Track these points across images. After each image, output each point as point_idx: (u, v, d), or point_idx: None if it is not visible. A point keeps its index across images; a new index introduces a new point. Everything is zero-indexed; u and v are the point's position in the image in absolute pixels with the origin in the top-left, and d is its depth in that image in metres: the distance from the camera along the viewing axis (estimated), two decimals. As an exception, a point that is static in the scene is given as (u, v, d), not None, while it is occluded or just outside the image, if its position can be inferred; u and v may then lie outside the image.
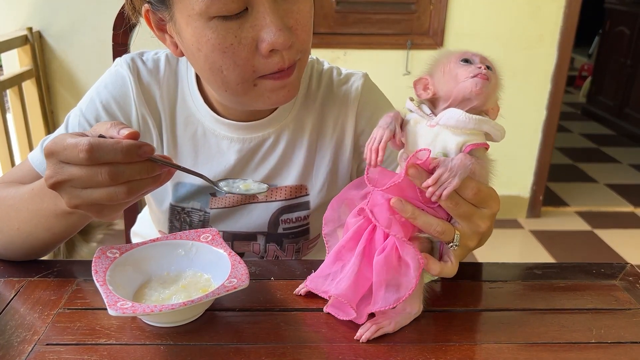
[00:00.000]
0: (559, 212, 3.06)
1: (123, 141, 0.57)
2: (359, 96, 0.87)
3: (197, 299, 0.60)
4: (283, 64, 0.69)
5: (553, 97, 2.73)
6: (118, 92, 0.85)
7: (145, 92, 0.85)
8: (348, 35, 2.61)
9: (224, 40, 0.67)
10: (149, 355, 0.59)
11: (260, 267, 0.78)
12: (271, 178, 0.88)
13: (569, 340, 0.64)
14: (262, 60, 0.69)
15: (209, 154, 0.86)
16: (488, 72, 0.61)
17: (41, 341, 0.61)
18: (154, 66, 0.86)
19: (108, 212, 0.62)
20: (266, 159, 0.87)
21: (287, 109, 0.86)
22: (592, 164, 3.78)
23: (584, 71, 5.55)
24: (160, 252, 0.73)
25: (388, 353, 0.61)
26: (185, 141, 0.87)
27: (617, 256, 2.61)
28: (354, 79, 0.89)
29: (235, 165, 0.86)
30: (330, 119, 0.88)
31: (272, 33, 0.66)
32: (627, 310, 0.70)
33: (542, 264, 0.80)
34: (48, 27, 2.49)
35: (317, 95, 0.88)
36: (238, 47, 0.67)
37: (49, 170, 0.59)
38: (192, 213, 0.89)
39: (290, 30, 0.68)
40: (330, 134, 0.88)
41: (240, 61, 0.68)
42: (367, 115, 0.88)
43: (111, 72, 0.87)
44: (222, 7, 0.65)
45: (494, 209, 0.63)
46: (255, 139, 0.86)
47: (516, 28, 2.61)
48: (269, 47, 0.67)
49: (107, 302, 0.58)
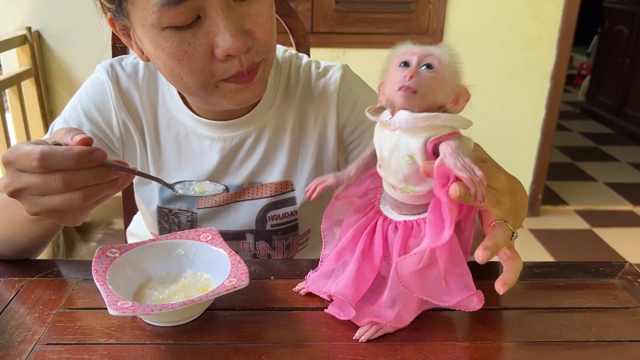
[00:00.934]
0: (558, 211, 3.06)
1: (74, 148, 0.58)
2: (338, 88, 0.87)
3: (197, 298, 0.60)
4: (242, 67, 0.69)
5: (552, 96, 2.73)
6: (98, 99, 0.86)
7: (125, 96, 0.86)
8: (347, 35, 2.61)
9: (178, 49, 0.67)
10: (149, 355, 0.60)
11: (260, 267, 0.78)
12: (255, 175, 0.88)
13: (568, 339, 0.64)
14: (219, 64, 0.69)
15: (192, 155, 0.87)
16: (418, 80, 0.58)
17: (41, 341, 0.62)
18: (133, 70, 0.87)
19: (70, 218, 0.63)
20: (249, 157, 0.87)
21: (267, 105, 0.86)
22: (591, 163, 3.78)
23: (583, 70, 5.55)
24: (160, 252, 0.73)
25: (387, 352, 0.61)
26: (169, 143, 0.87)
27: (616, 255, 2.61)
28: (332, 71, 0.89)
29: (218, 164, 0.86)
30: (311, 113, 0.88)
31: (226, 39, 0.66)
32: (626, 309, 0.70)
33: (541, 263, 0.81)
34: (47, 26, 2.49)
35: (296, 90, 0.88)
36: (193, 54, 0.68)
37: (6, 178, 0.60)
38: (179, 214, 0.89)
39: (248, 34, 0.68)
40: (313, 128, 0.88)
41: (197, 68, 0.69)
42: (348, 106, 0.87)
43: (92, 79, 0.88)
44: (173, 18, 0.65)
45: (503, 181, 0.59)
46: (236, 137, 0.86)
47: (515, 27, 2.61)
48: (223, 52, 0.67)
49: (107, 301, 0.58)
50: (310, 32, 2.57)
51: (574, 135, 4.37)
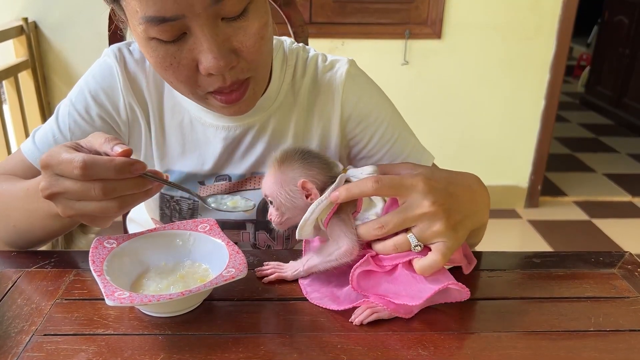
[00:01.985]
0: (557, 202, 3.06)
1: (116, 159, 0.59)
2: (344, 82, 0.87)
3: (194, 289, 0.60)
4: (224, 84, 0.70)
5: (551, 87, 2.72)
6: (106, 83, 0.85)
7: (132, 81, 0.85)
8: (346, 25, 2.59)
9: (164, 60, 0.69)
10: (147, 345, 0.59)
11: (258, 257, 0.78)
12: (258, 165, 0.88)
13: (567, 329, 0.64)
14: (203, 78, 0.70)
15: (196, 143, 0.87)
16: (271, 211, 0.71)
17: (39, 332, 0.61)
18: (140, 56, 0.86)
19: (100, 222, 0.65)
20: (252, 147, 0.87)
21: (272, 97, 0.86)
22: (591, 154, 3.78)
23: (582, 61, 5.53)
24: (158, 243, 0.72)
25: (387, 342, 0.61)
26: (173, 130, 0.87)
27: (615, 245, 2.61)
28: (339, 65, 0.89)
29: (222, 153, 0.86)
30: (316, 106, 0.88)
31: (207, 60, 0.66)
32: (625, 298, 0.70)
33: (541, 253, 0.80)
34: (44, 17, 2.47)
35: (302, 83, 0.88)
36: (178, 67, 0.69)
37: (44, 181, 0.61)
38: (181, 201, 0.89)
39: (234, 53, 0.68)
40: (317, 121, 0.88)
41: (183, 78, 0.70)
42: (352, 101, 0.87)
43: (99, 63, 0.87)
44: (158, 33, 0.66)
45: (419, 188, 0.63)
46: (240, 126, 0.86)
47: (515, 17, 2.59)
48: (205, 71, 0.68)
49: (105, 292, 0.58)
50: (309, 23, 2.55)
51: (573, 126, 4.36)
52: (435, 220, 0.62)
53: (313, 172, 0.67)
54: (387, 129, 0.88)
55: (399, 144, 0.88)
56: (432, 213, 0.62)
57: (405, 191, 0.63)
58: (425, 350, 0.60)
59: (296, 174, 0.67)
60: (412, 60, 2.63)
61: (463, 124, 2.78)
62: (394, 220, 0.63)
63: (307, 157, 0.68)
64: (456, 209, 0.65)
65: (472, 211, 0.68)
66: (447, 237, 0.63)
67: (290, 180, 0.67)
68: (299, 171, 0.67)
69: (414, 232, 0.63)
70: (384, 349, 0.60)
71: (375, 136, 0.88)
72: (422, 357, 0.59)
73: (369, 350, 0.59)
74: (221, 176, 0.88)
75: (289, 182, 0.67)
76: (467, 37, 2.62)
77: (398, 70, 2.63)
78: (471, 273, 0.72)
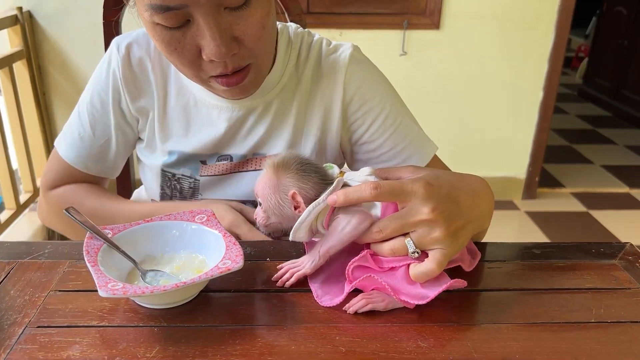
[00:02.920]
0: (555, 194, 3.06)
1: None
2: (347, 65, 0.87)
3: (189, 280, 0.59)
4: (225, 70, 0.72)
5: (549, 78, 2.71)
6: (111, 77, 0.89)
7: (135, 71, 0.88)
8: (344, 15, 2.57)
9: (169, 45, 0.71)
10: (142, 337, 0.58)
11: (255, 248, 0.77)
12: (260, 146, 0.89)
13: (568, 320, 0.63)
14: (205, 63, 0.72)
15: (201, 124, 0.88)
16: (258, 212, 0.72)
17: (32, 323, 0.60)
18: (145, 40, 0.88)
19: None
20: (255, 128, 0.88)
21: (276, 79, 0.87)
22: (588, 146, 3.77)
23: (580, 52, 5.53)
24: (154, 233, 0.72)
25: (386, 333, 0.60)
26: (177, 112, 0.89)
27: (612, 236, 2.61)
28: (343, 49, 0.90)
29: (225, 133, 0.87)
30: (319, 89, 0.88)
31: (210, 47, 0.68)
32: (626, 289, 0.70)
33: (541, 244, 0.80)
34: (38, 7, 2.45)
35: (305, 65, 0.89)
36: (182, 52, 0.71)
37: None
38: (182, 180, 0.90)
39: (235, 41, 0.70)
40: (319, 103, 0.88)
41: (186, 62, 0.73)
42: (355, 84, 0.87)
43: (105, 57, 0.91)
44: (163, 20, 0.68)
45: (419, 194, 0.61)
46: (243, 107, 0.87)
47: (513, 8, 2.58)
48: (207, 57, 0.70)
49: (98, 283, 0.57)
50: (307, 12, 2.53)
51: (571, 117, 4.36)
52: (434, 227, 0.61)
53: (307, 185, 0.66)
54: (389, 115, 0.87)
55: (401, 131, 0.88)
56: (432, 220, 0.61)
57: (405, 197, 0.62)
58: (425, 342, 0.59)
59: (289, 183, 0.66)
60: (410, 51, 2.61)
61: (461, 115, 2.77)
62: (392, 225, 0.62)
63: (305, 168, 0.67)
64: (457, 214, 0.63)
65: (474, 216, 0.66)
66: (445, 245, 0.62)
67: (282, 188, 0.67)
68: (292, 181, 0.66)
69: (412, 237, 0.62)
70: (383, 340, 0.59)
71: (377, 121, 0.87)
72: (421, 348, 0.58)
73: (367, 342, 0.59)
74: (223, 156, 0.89)
75: (281, 189, 0.67)
76: (465, 28, 2.60)
77: (396, 61, 2.61)
78: (470, 264, 0.71)
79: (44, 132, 2.56)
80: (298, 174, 0.67)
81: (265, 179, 0.69)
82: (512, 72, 2.70)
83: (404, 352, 0.57)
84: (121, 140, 0.92)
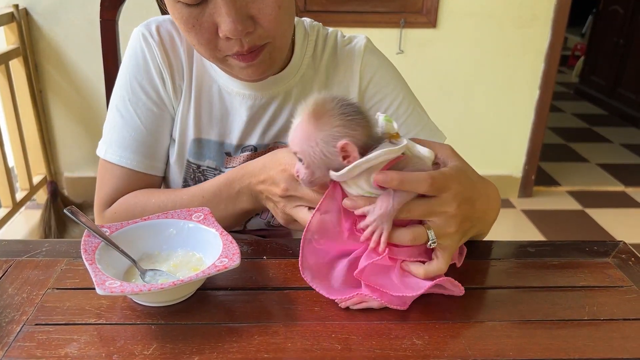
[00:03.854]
0: (551, 192, 3.07)
1: None
2: (362, 55, 0.91)
3: (186, 278, 0.60)
4: (241, 48, 0.73)
5: (546, 77, 2.72)
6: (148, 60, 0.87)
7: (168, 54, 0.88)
8: (341, 14, 2.57)
9: (187, 22, 0.73)
10: (139, 335, 0.59)
11: (252, 247, 0.77)
12: (281, 135, 0.90)
13: (562, 318, 0.64)
14: (222, 42, 0.74)
15: (225, 111, 0.89)
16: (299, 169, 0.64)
17: (30, 321, 0.61)
18: (172, 23, 0.89)
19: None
20: (276, 117, 0.89)
21: (295, 69, 0.89)
22: (584, 144, 3.78)
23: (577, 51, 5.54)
24: (151, 231, 0.72)
25: (381, 331, 0.60)
26: (204, 98, 0.89)
27: (608, 235, 2.62)
28: (357, 40, 0.94)
29: (247, 122, 0.88)
30: (335, 78, 0.91)
31: (225, 24, 0.70)
32: (619, 287, 0.70)
33: (536, 242, 0.80)
34: (35, 4, 2.44)
35: (322, 56, 0.92)
36: (200, 30, 0.73)
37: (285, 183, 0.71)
38: (207, 172, 0.91)
39: (251, 19, 0.72)
40: (336, 91, 0.91)
41: (204, 41, 0.74)
42: (370, 72, 0.91)
43: (135, 46, 0.88)
44: None
45: (454, 189, 0.62)
46: (265, 96, 0.88)
47: (510, 6, 2.58)
48: (223, 35, 0.72)
49: (95, 281, 0.57)
50: (304, 11, 2.53)
51: (567, 116, 4.37)
52: (452, 222, 0.63)
53: (356, 132, 0.59)
54: (402, 102, 0.91)
55: (414, 117, 0.91)
56: (453, 215, 0.62)
57: (444, 191, 0.62)
58: (420, 340, 0.59)
59: (336, 133, 0.59)
60: (407, 49, 2.62)
61: (457, 114, 2.77)
62: (420, 209, 0.62)
63: (348, 110, 0.59)
64: (470, 216, 0.65)
65: (481, 221, 0.70)
66: (453, 241, 0.64)
67: (327, 139, 0.59)
68: (340, 129, 0.59)
69: (433, 228, 0.62)
70: (379, 337, 0.59)
71: (391, 107, 0.91)
72: (416, 346, 0.58)
73: (363, 339, 0.59)
74: (247, 147, 0.90)
75: (325, 141, 0.59)
76: (462, 27, 2.60)
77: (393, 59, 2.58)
78: (466, 261, 0.72)
79: (41, 130, 2.56)
80: (343, 119, 0.59)
81: (302, 131, 0.61)
82: (509, 70, 2.70)
83: (399, 350, 0.58)
84: (169, 128, 0.90)
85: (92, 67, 2.50)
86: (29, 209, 2.57)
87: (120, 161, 0.87)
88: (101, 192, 0.89)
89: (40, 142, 2.57)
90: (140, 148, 0.87)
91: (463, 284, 0.65)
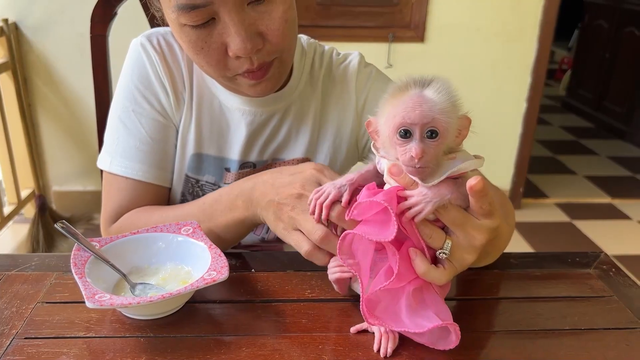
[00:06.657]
0: (539, 204, 3.10)
1: None
2: (356, 72, 0.93)
3: (175, 291, 0.60)
4: (251, 66, 0.75)
5: (533, 90, 2.75)
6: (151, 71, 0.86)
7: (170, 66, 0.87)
8: (330, 28, 2.60)
9: (195, 45, 0.74)
10: (128, 348, 0.59)
11: (240, 260, 0.78)
12: (279, 152, 0.92)
13: (544, 328, 0.65)
14: (232, 61, 0.75)
15: (226, 127, 0.89)
16: (426, 157, 0.55)
17: (19, 335, 0.61)
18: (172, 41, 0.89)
19: None
20: (275, 134, 0.90)
21: (293, 87, 0.90)
22: (572, 156, 3.82)
23: (564, 64, 5.61)
24: (140, 245, 0.73)
25: (368, 342, 0.61)
26: (205, 113, 0.89)
27: (595, 246, 2.65)
28: (351, 57, 0.96)
29: (247, 138, 0.88)
30: (332, 96, 0.93)
31: (235, 43, 0.71)
32: (600, 297, 0.72)
33: (519, 254, 0.82)
34: (24, 18, 2.45)
35: (320, 73, 0.93)
36: (209, 51, 0.74)
37: None
38: (205, 187, 0.91)
39: (260, 36, 0.73)
40: (333, 109, 0.93)
41: (213, 62, 0.75)
42: (365, 91, 0.93)
43: (136, 57, 0.87)
44: (189, 19, 0.71)
45: (493, 222, 0.59)
46: (265, 112, 0.89)
47: (497, 21, 2.62)
48: (233, 54, 0.73)
49: (85, 294, 0.58)
50: (293, 25, 2.56)
51: (554, 129, 4.42)
52: (471, 250, 0.59)
53: None
54: None
55: None
56: (479, 241, 0.59)
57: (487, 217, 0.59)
58: (405, 350, 0.60)
59: (456, 109, 0.58)
60: (395, 64, 2.65)
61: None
62: (458, 215, 0.58)
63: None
64: (489, 243, 0.61)
65: (491, 251, 0.73)
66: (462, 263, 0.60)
67: (456, 112, 0.58)
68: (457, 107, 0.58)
69: (453, 241, 0.59)
70: (365, 349, 0.60)
71: None
72: (401, 356, 0.59)
73: (349, 350, 0.60)
74: (246, 163, 0.90)
75: (456, 113, 0.58)
76: (449, 41, 2.64)
77: (382, 73, 2.64)
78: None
79: (29, 144, 2.55)
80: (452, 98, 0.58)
81: (431, 102, 0.56)
82: (496, 84, 2.74)
83: (385, 360, 0.59)
84: (173, 138, 0.89)
85: (82, 81, 2.50)
86: (17, 223, 2.55)
87: (127, 172, 0.85)
88: (107, 207, 0.87)
89: (29, 155, 2.56)
90: (147, 158, 0.86)
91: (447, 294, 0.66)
